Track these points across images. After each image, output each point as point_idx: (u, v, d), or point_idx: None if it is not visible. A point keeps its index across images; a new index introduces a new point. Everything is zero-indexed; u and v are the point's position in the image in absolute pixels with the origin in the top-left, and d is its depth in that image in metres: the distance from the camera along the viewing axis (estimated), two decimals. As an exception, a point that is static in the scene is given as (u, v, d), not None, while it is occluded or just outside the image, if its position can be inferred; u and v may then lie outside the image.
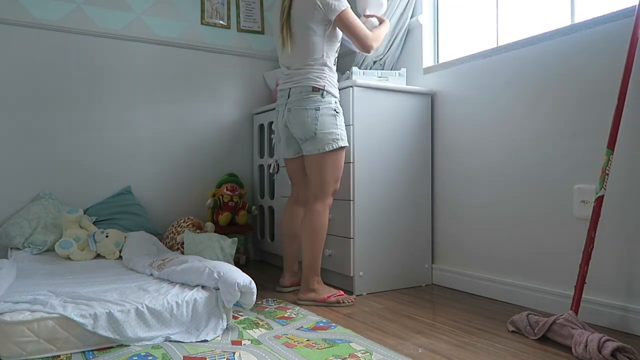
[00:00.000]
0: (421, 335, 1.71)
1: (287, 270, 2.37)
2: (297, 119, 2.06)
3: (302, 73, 2.07)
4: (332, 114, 2.05)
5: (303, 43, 2.06)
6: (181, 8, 3.10)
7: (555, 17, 2.11)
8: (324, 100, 2.04)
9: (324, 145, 2.04)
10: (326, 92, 2.05)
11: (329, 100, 2.06)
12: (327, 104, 2.05)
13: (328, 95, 2.06)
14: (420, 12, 2.65)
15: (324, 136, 2.03)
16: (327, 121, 2.04)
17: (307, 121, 2.03)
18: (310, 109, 2.03)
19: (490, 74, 2.26)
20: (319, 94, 2.04)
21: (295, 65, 2.09)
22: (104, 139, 2.87)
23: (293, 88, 2.09)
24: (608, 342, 1.41)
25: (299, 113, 2.05)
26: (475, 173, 2.34)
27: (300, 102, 2.05)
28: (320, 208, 2.10)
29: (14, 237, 2.46)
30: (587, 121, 1.87)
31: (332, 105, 2.06)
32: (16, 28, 2.64)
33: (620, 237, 1.77)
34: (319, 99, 2.04)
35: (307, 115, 2.03)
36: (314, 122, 2.02)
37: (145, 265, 2.07)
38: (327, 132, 2.03)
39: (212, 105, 3.20)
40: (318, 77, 2.05)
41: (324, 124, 2.03)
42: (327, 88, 2.05)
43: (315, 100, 2.03)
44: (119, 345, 1.54)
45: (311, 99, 2.04)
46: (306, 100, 2.04)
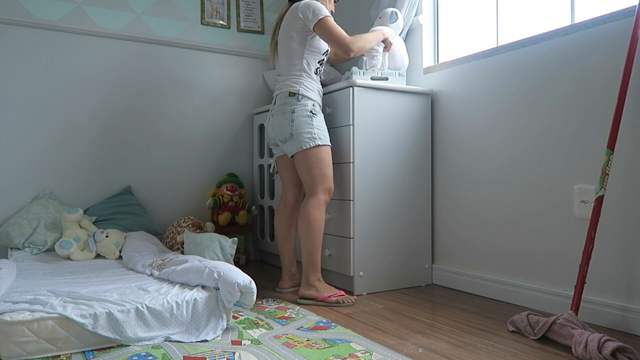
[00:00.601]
0: (421, 335, 1.71)
1: (286, 273, 2.38)
2: (276, 123, 2.19)
3: (283, 79, 2.21)
4: (308, 115, 2.14)
5: (285, 51, 2.22)
6: (181, 8, 3.10)
7: (555, 17, 2.11)
8: (300, 103, 2.14)
9: (300, 144, 2.12)
10: (301, 96, 2.15)
11: (305, 103, 2.15)
12: (302, 106, 2.14)
13: (304, 99, 2.15)
14: (420, 12, 2.65)
15: (299, 136, 2.12)
16: (302, 122, 2.13)
17: (284, 123, 2.15)
18: (286, 112, 2.15)
19: (490, 74, 2.26)
20: (295, 97, 2.15)
21: (280, 72, 2.26)
22: (104, 138, 2.87)
23: (278, 95, 2.22)
24: (608, 342, 1.41)
25: (278, 117, 2.18)
26: (475, 173, 2.34)
27: (280, 107, 2.18)
28: (314, 203, 2.14)
29: (14, 237, 2.46)
30: (587, 121, 1.87)
31: (308, 107, 2.15)
32: (16, 28, 2.64)
33: (620, 237, 1.77)
34: (295, 102, 2.14)
35: (284, 118, 2.15)
36: (290, 123, 2.13)
37: (145, 265, 2.07)
38: (303, 131, 2.12)
39: (212, 105, 3.20)
40: (295, 82, 2.17)
41: (299, 124, 2.12)
42: (302, 92, 2.15)
43: (291, 104, 2.15)
44: (119, 345, 1.54)
45: (288, 103, 2.16)
46: (284, 105, 2.17)
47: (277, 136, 2.21)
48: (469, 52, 2.43)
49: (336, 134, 2.36)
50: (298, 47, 2.18)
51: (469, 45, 2.53)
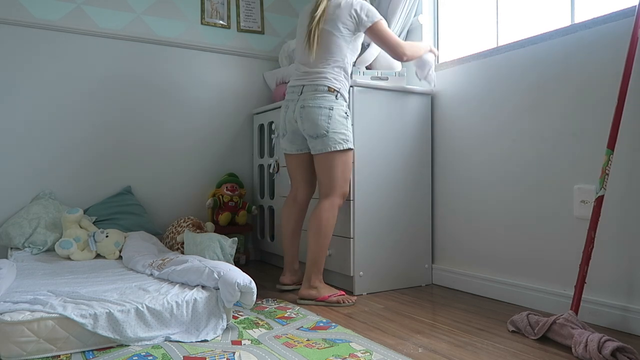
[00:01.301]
0: (421, 335, 1.71)
1: (288, 269, 2.37)
2: (310, 116, 2.08)
3: (320, 72, 2.11)
4: (344, 116, 2.11)
5: (328, 44, 2.12)
6: (181, 8, 3.10)
7: (555, 17, 2.11)
8: (338, 102, 2.09)
9: (334, 144, 2.08)
10: (340, 95, 2.10)
11: (342, 102, 2.11)
12: (340, 105, 2.10)
13: (341, 98, 2.11)
14: (420, 12, 2.65)
15: (335, 135, 2.07)
16: (339, 122, 2.08)
17: (320, 119, 2.06)
18: (324, 108, 2.07)
19: (491, 74, 2.26)
20: (334, 95, 2.09)
21: (315, 64, 2.13)
22: (104, 138, 2.87)
23: (307, 85, 2.12)
24: (608, 342, 1.41)
25: (312, 110, 2.08)
26: (475, 173, 2.34)
27: (315, 100, 2.08)
28: (328, 205, 2.11)
29: (14, 237, 2.46)
30: (587, 121, 1.87)
31: (344, 108, 2.12)
32: (16, 28, 2.64)
33: (620, 237, 1.77)
34: (333, 99, 2.08)
35: (320, 113, 2.06)
36: (327, 120, 2.06)
37: (145, 265, 2.07)
38: (338, 132, 2.08)
39: (212, 105, 3.20)
40: (335, 78, 2.10)
41: (335, 124, 2.07)
42: (342, 91, 2.11)
43: (329, 100, 2.08)
44: (119, 345, 1.54)
45: (326, 99, 2.08)
46: (321, 99, 2.08)
47: (307, 130, 2.10)
48: (469, 52, 2.43)
49: (336, 134, 2.36)
50: (344, 43, 2.12)
51: (469, 45, 2.53)
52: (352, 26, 2.12)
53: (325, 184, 2.13)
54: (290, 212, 2.33)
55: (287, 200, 2.37)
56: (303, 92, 2.13)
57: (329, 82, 2.09)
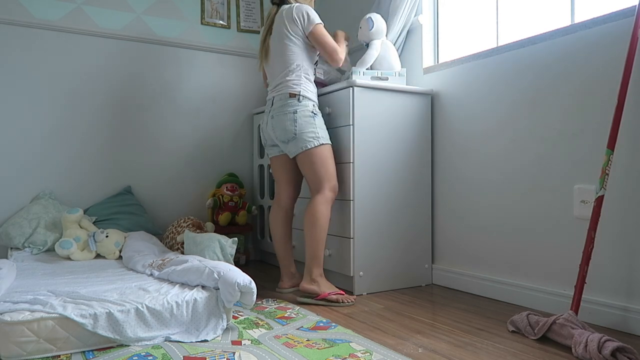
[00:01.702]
0: (421, 335, 1.71)
1: (285, 273, 2.37)
2: (278, 124, 2.19)
3: (282, 82, 2.21)
4: (310, 115, 2.17)
5: (280, 53, 2.23)
6: (181, 8, 3.10)
7: (555, 17, 2.11)
8: (301, 104, 2.17)
9: (305, 144, 2.15)
10: (302, 97, 2.18)
11: (306, 103, 2.18)
12: (304, 107, 2.17)
13: (304, 100, 2.18)
14: (420, 12, 2.65)
15: (303, 135, 2.14)
16: (305, 122, 2.15)
17: (286, 124, 2.16)
18: (289, 113, 2.16)
19: (490, 74, 2.26)
20: (296, 98, 2.17)
21: (276, 75, 2.25)
22: (104, 138, 2.87)
23: (275, 97, 2.23)
24: (608, 342, 1.41)
25: (279, 118, 2.19)
26: (475, 173, 2.34)
27: (281, 108, 2.19)
28: (321, 199, 2.16)
29: (14, 237, 2.46)
30: (587, 121, 1.87)
31: (310, 108, 2.18)
32: (16, 28, 2.64)
33: (620, 237, 1.77)
34: (296, 103, 2.16)
35: (286, 118, 2.16)
36: (293, 124, 2.15)
37: (145, 265, 2.07)
38: (306, 131, 2.15)
39: (212, 105, 3.20)
40: (295, 84, 2.19)
41: (302, 125, 2.14)
42: (303, 93, 2.18)
43: (292, 105, 2.16)
44: (119, 345, 1.54)
45: (289, 104, 2.17)
46: (285, 106, 2.17)
47: (279, 137, 2.21)
48: (469, 52, 2.43)
49: (336, 134, 2.36)
50: (296, 48, 2.21)
51: (469, 45, 2.53)
52: (299, 30, 2.20)
53: (313, 182, 2.19)
54: (277, 217, 2.37)
55: (273, 206, 2.41)
56: (273, 103, 2.24)
57: (289, 88, 2.18)
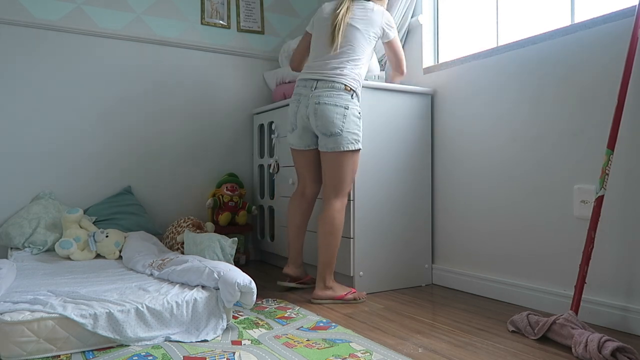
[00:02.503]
0: (421, 335, 1.71)
1: (292, 262, 2.32)
2: (325, 114, 2.05)
3: (339, 68, 2.08)
4: (358, 116, 2.10)
5: (352, 42, 2.12)
6: (181, 8, 3.10)
7: (555, 17, 2.11)
8: (353, 102, 2.08)
9: (347, 144, 2.06)
10: (356, 94, 2.10)
11: (357, 103, 2.11)
12: (355, 105, 2.09)
13: (356, 98, 2.11)
14: (420, 12, 2.65)
15: (348, 135, 2.06)
16: (353, 122, 2.07)
17: (334, 117, 2.04)
18: (340, 107, 2.04)
19: (490, 74, 2.26)
20: (350, 94, 2.07)
21: (334, 59, 2.10)
22: (104, 138, 2.87)
23: (322, 80, 2.08)
24: (608, 342, 1.41)
25: (328, 108, 2.05)
26: (475, 173, 2.34)
27: (332, 98, 2.05)
28: (340, 206, 2.11)
29: (14, 237, 2.46)
30: (587, 121, 1.87)
31: (359, 108, 2.11)
32: (16, 28, 2.64)
33: (620, 237, 1.77)
34: (349, 98, 2.07)
35: (335, 111, 2.04)
36: (342, 119, 2.04)
37: (145, 265, 2.07)
38: (352, 131, 2.06)
39: (212, 105, 3.20)
40: (353, 78, 2.09)
41: (350, 123, 2.06)
42: (358, 91, 2.11)
43: (346, 99, 2.06)
44: (119, 345, 1.54)
45: (342, 97, 2.05)
46: (337, 97, 2.05)
47: (320, 127, 2.07)
48: (469, 52, 2.43)
49: (336, 134, 2.36)
50: (367, 46, 2.14)
51: (469, 45, 2.53)
52: (379, 34, 2.19)
53: (333, 184, 2.11)
54: (298, 206, 2.29)
55: (295, 195, 2.32)
56: (317, 87, 2.08)
57: (347, 80, 2.07)
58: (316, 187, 2.29)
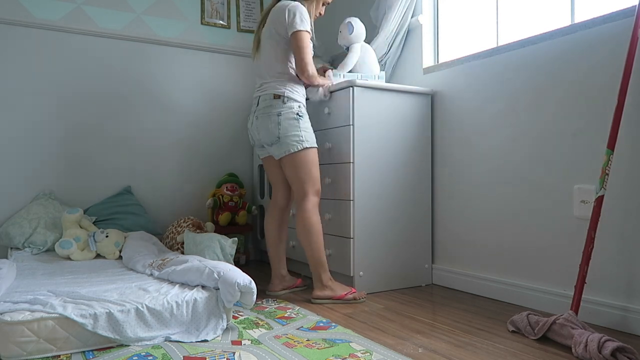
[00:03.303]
0: (421, 335, 1.71)
1: (276, 276, 2.34)
2: (262, 125, 2.15)
3: (268, 82, 2.16)
4: (294, 118, 2.11)
5: (268, 51, 2.17)
6: (181, 8, 3.10)
7: (555, 17, 2.11)
8: (285, 106, 2.11)
9: (288, 147, 2.11)
10: (287, 98, 2.12)
11: (291, 105, 2.12)
12: (288, 109, 2.11)
13: (289, 101, 2.12)
14: (420, 12, 2.65)
15: (287, 139, 2.10)
16: (289, 125, 2.10)
17: (270, 126, 2.11)
18: (272, 115, 2.11)
19: (491, 74, 2.26)
20: (280, 100, 2.12)
21: (264, 74, 2.19)
22: (104, 138, 2.87)
23: (261, 96, 2.18)
24: (608, 342, 1.41)
25: (263, 119, 2.14)
26: (475, 173, 2.34)
27: (265, 109, 2.14)
28: (308, 206, 2.13)
29: (14, 237, 2.46)
30: (587, 121, 1.87)
31: (295, 110, 2.12)
32: (16, 28, 2.64)
33: (620, 237, 1.77)
34: (280, 104, 2.11)
35: (270, 120, 2.12)
36: (277, 126, 2.10)
37: (146, 265, 2.07)
38: (290, 134, 2.10)
39: (212, 105, 3.20)
40: (280, 85, 2.13)
41: (286, 128, 2.10)
42: (287, 94, 2.12)
43: (276, 106, 2.11)
44: (119, 345, 1.54)
45: (273, 106, 2.12)
46: (269, 107, 2.13)
47: (263, 139, 2.17)
48: (469, 52, 2.43)
49: (336, 134, 2.36)
50: (283, 51, 2.15)
51: (469, 45, 2.53)
52: (283, 30, 2.11)
53: (296, 186, 2.16)
54: (272, 216, 2.34)
55: (269, 207, 2.37)
56: (258, 103, 2.19)
57: (273, 89, 2.13)
58: (285, 192, 2.32)
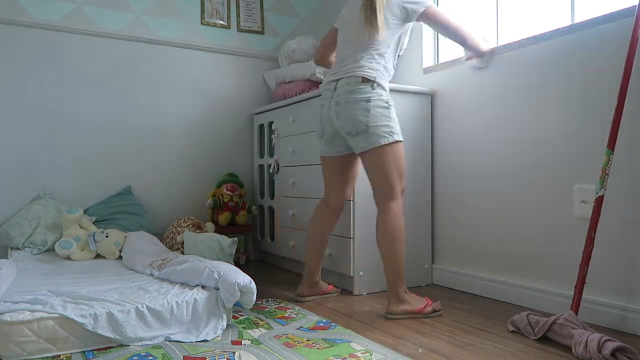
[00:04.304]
0: (421, 335, 1.71)
1: (308, 280, 2.17)
2: (345, 112, 1.91)
3: (355, 64, 1.94)
4: (384, 106, 1.90)
5: (365, 30, 1.93)
6: (181, 8, 3.10)
7: (555, 17, 2.11)
8: (375, 92, 1.90)
9: (378, 139, 1.88)
10: (377, 84, 1.91)
11: (380, 92, 1.91)
12: (377, 95, 1.90)
13: (379, 87, 1.91)
14: (420, 12, 2.65)
15: (376, 129, 1.87)
16: (379, 113, 1.88)
17: (356, 113, 1.88)
18: (360, 101, 1.88)
19: (491, 73, 2.26)
20: (369, 85, 1.89)
21: (350, 54, 1.97)
22: (104, 138, 2.87)
23: (341, 79, 1.95)
24: (608, 342, 1.41)
25: (348, 105, 1.90)
26: (475, 173, 2.34)
27: (349, 94, 1.91)
28: (396, 209, 1.92)
29: (14, 237, 2.46)
30: (587, 121, 1.87)
31: (384, 98, 1.92)
32: (16, 28, 2.64)
33: (620, 237, 1.77)
34: (369, 89, 1.89)
35: (357, 107, 1.88)
36: (365, 114, 1.87)
37: (145, 265, 2.07)
38: (380, 124, 1.88)
39: (212, 105, 3.20)
40: (370, 68, 1.92)
41: (375, 116, 1.87)
42: (378, 80, 1.91)
43: (364, 91, 1.89)
44: (119, 345, 1.54)
45: (361, 90, 1.89)
46: (354, 92, 1.90)
47: (345, 128, 1.92)
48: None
49: (336, 134, 2.36)
50: (389, 30, 1.93)
51: (469, 45, 2.53)
52: (401, 16, 1.95)
53: (381, 184, 1.93)
54: (321, 219, 2.14)
55: (320, 207, 2.17)
56: (337, 87, 1.96)
57: (363, 71, 1.90)
58: (343, 195, 2.14)
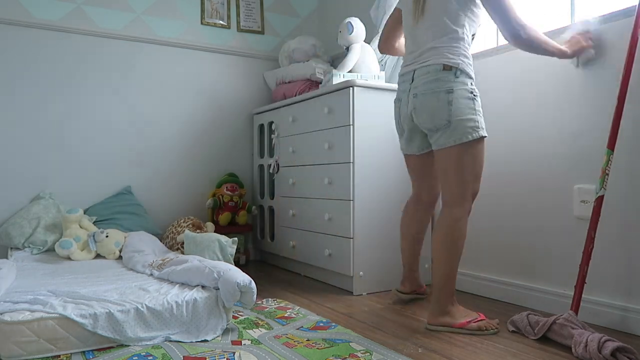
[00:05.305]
0: (421, 335, 1.71)
1: (407, 277, 2.09)
2: (424, 105, 1.70)
3: (432, 48, 1.72)
4: (469, 97, 1.67)
5: (438, 11, 1.72)
6: (181, 8, 3.10)
7: (555, 17, 2.11)
8: (458, 81, 1.67)
9: (461, 136, 1.67)
10: (460, 72, 1.67)
11: (464, 80, 1.68)
12: (462, 85, 1.67)
13: (463, 75, 1.68)
14: (420, 12, 2.64)
15: (460, 123, 1.66)
16: (464, 105, 1.66)
17: (437, 106, 1.67)
18: (440, 91, 1.66)
19: (490, 73, 2.26)
20: (452, 73, 1.67)
21: (426, 41, 1.74)
22: (104, 138, 2.87)
23: (418, 69, 1.73)
24: (608, 342, 1.41)
25: (426, 98, 1.69)
26: (475, 173, 2.33)
27: (429, 84, 1.69)
28: (460, 214, 1.72)
29: (14, 237, 2.46)
30: (587, 121, 1.87)
31: (469, 87, 1.69)
32: (16, 28, 2.64)
33: (620, 237, 1.77)
34: (452, 78, 1.66)
35: (437, 99, 1.67)
36: (447, 107, 1.65)
37: (145, 265, 2.07)
38: (465, 118, 1.66)
39: (212, 105, 3.20)
40: (451, 53, 1.69)
41: (459, 109, 1.65)
42: (462, 67, 1.68)
43: (446, 80, 1.66)
44: (119, 345, 1.54)
45: (442, 80, 1.67)
46: (435, 81, 1.68)
47: (424, 123, 1.73)
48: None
49: (336, 134, 2.36)
50: (461, 12, 1.71)
51: (469, 45, 2.52)
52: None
53: (452, 185, 1.72)
54: (414, 213, 2.01)
55: (410, 203, 2.04)
56: (414, 78, 1.74)
57: (443, 57, 1.68)
58: (434, 190, 1.98)
